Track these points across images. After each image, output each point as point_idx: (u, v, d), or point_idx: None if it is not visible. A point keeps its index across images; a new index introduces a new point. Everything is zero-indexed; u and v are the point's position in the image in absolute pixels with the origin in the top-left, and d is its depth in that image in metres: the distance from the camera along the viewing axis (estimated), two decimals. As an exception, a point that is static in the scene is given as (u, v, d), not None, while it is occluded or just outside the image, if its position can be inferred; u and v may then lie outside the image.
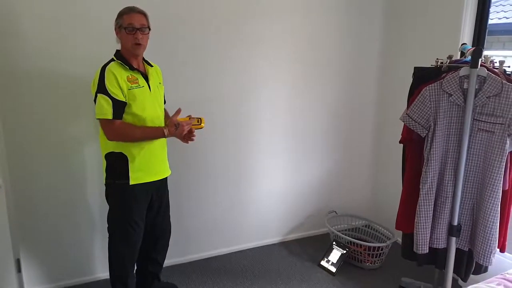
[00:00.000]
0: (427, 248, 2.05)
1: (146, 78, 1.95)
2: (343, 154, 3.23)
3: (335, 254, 2.78)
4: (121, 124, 1.84)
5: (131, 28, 1.82)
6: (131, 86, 1.85)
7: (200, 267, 2.73)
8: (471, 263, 2.05)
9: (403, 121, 2.09)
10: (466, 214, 2.03)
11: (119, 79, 1.81)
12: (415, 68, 2.20)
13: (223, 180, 2.80)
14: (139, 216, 2.01)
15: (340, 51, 2.99)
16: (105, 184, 1.99)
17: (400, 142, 2.21)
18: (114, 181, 1.93)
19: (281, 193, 3.05)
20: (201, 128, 1.99)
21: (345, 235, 2.92)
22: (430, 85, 1.99)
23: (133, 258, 2.09)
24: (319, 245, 3.06)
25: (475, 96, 1.89)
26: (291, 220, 3.14)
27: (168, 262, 2.50)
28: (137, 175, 1.93)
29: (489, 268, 2.02)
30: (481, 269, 2.05)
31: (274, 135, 2.91)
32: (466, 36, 2.50)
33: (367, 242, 3.01)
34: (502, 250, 2.00)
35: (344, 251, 2.77)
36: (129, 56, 1.89)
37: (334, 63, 2.99)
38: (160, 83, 2.07)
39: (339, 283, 2.59)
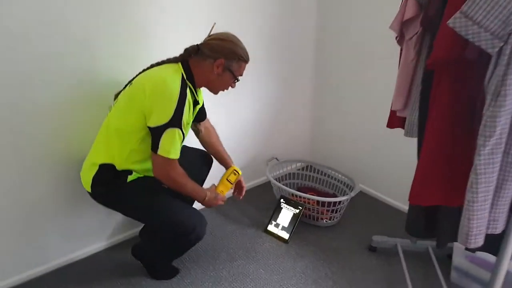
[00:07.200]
0: (483, 238, 1.25)
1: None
2: (282, 92, 2.51)
3: (286, 215, 2.15)
4: (180, 170, 1.56)
5: (239, 79, 1.65)
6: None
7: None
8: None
9: (453, 26, 1.06)
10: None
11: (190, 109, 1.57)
12: None
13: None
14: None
15: None
16: (91, 193, 1.61)
17: (429, 64, 1.24)
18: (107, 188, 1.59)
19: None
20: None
21: (291, 186, 2.28)
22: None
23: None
24: (261, 201, 2.40)
25: None
26: (220, 173, 2.38)
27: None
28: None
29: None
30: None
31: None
32: None
33: (319, 191, 2.46)
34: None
35: (297, 210, 2.15)
36: (200, 84, 1.61)
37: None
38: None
39: (296, 253, 1.99)
